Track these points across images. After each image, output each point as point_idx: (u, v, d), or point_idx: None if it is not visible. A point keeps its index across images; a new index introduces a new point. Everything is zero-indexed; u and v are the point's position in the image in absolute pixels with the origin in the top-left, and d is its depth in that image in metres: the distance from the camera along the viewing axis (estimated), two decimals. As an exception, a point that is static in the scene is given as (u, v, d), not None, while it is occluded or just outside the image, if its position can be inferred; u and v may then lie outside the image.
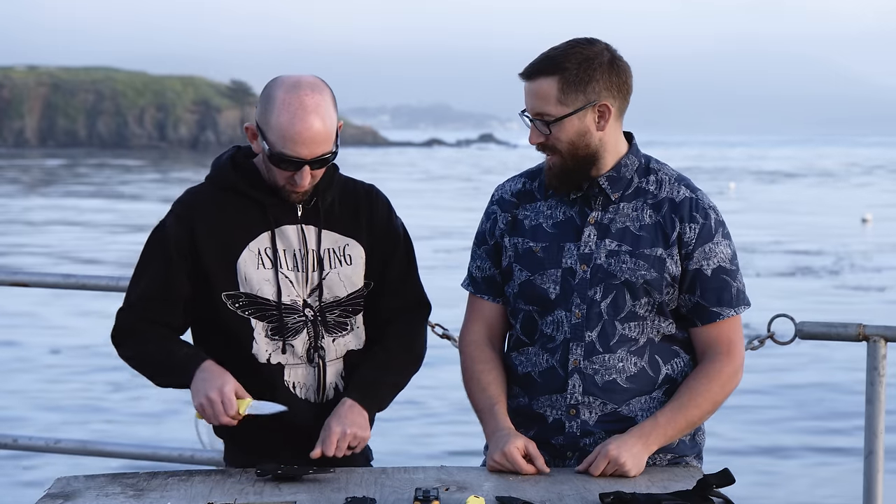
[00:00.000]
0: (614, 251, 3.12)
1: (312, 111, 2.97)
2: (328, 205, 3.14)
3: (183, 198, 3.15)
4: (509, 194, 3.26)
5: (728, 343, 3.15)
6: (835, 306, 17.86)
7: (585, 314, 3.12)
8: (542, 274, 3.15)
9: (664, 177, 3.19)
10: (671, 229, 3.12)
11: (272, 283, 3.07)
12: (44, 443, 5.02)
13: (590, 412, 3.13)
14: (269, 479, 2.93)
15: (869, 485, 3.99)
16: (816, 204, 41.90)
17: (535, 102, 3.10)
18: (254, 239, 3.08)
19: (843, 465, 9.63)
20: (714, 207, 3.19)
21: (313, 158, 2.99)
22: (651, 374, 3.14)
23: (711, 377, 3.12)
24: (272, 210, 3.09)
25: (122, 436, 9.90)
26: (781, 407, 11.81)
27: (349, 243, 3.15)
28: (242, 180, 3.10)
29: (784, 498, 8.88)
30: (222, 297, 3.07)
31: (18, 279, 4.79)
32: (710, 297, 3.13)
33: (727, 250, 3.16)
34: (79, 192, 46.85)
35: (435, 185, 52.83)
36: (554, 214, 3.19)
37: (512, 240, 3.21)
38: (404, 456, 9.52)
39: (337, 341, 3.14)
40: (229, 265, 3.07)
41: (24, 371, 13.07)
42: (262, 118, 3.01)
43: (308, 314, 3.10)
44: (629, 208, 3.15)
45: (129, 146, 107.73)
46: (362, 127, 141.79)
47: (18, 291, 15.11)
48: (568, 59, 3.07)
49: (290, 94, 2.98)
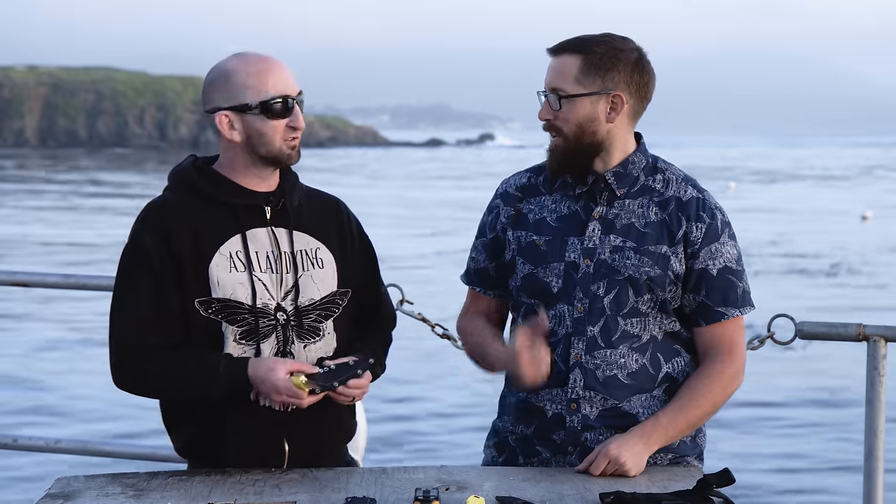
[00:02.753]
0: (619, 247, 3.12)
1: (267, 57, 3.03)
2: (296, 207, 3.11)
3: (150, 209, 3.07)
4: (514, 188, 3.27)
5: (730, 344, 3.15)
6: (835, 306, 17.85)
7: (588, 308, 3.12)
8: (545, 267, 3.16)
9: (671, 176, 3.19)
10: (677, 227, 3.12)
11: (246, 285, 3.01)
12: (44, 443, 5.02)
13: (590, 406, 3.12)
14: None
15: (869, 485, 3.99)
16: (816, 204, 41.89)
17: (554, 77, 3.12)
18: (224, 242, 3.02)
19: (843, 464, 9.63)
20: (721, 208, 3.19)
21: (297, 95, 3.02)
22: (651, 372, 3.14)
23: (713, 378, 3.12)
24: (240, 212, 3.04)
25: (121, 436, 9.91)
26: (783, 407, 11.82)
27: (320, 247, 3.11)
28: (208, 185, 3.05)
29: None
30: (195, 304, 2.99)
31: (18, 279, 4.79)
32: (716, 296, 3.13)
33: (733, 251, 3.17)
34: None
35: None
36: (558, 209, 3.19)
37: (515, 233, 3.22)
38: (405, 456, 9.52)
39: (308, 347, 3.07)
40: (201, 271, 2.99)
41: (25, 371, 13.07)
42: (230, 93, 3.00)
43: (280, 318, 3.04)
44: (635, 205, 3.15)
45: (130, 146, 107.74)
46: (362, 127, 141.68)
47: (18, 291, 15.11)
48: (598, 44, 3.11)
49: (241, 57, 3.03)
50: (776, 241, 27.66)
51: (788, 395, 12.15)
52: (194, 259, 3.00)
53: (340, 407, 3.12)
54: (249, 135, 3.02)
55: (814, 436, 10.65)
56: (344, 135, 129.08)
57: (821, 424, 11.02)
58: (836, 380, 12.68)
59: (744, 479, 8.45)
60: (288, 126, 3.01)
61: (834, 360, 13.48)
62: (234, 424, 3.03)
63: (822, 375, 12.97)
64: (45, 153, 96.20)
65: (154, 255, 2.99)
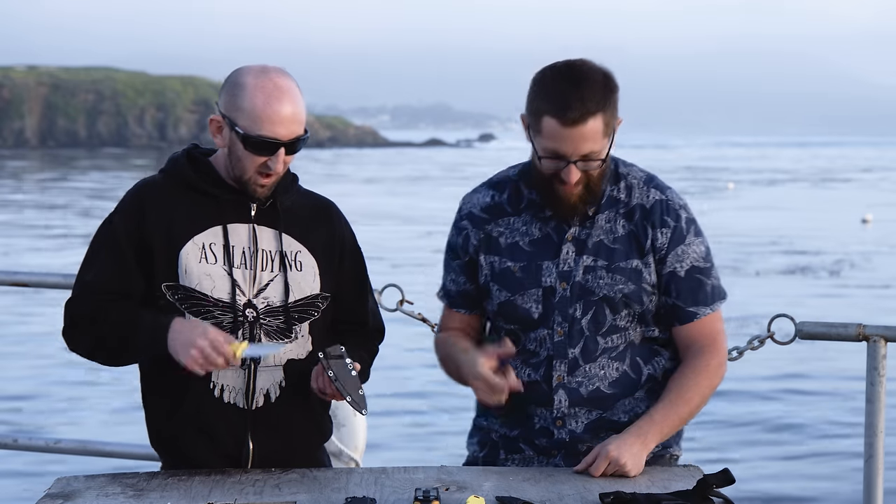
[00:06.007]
0: (590, 266, 3.12)
1: (286, 92, 2.96)
2: (285, 208, 3.09)
3: (133, 189, 3.10)
4: (478, 209, 3.22)
5: (711, 337, 3.17)
6: (835, 306, 17.85)
7: (567, 332, 3.13)
8: (523, 294, 3.14)
9: (633, 181, 3.18)
10: (644, 238, 3.13)
11: (213, 278, 3.00)
12: (44, 443, 5.02)
13: (576, 422, 3.16)
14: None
15: (869, 485, 3.99)
16: (816, 204, 41.88)
17: (585, 145, 3.01)
18: (200, 232, 3.02)
19: (843, 464, 9.63)
20: (685, 206, 3.19)
21: (289, 140, 2.96)
22: (633, 377, 3.17)
23: (699, 372, 3.13)
24: (224, 206, 3.04)
25: (121, 436, 9.91)
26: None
27: (301, 250, 3.09)
28: (196, 175, 3.05)
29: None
30: (162, 287, 3.00)
31: (18, 279, 4.78)
32: (686, 297, 3.15)
33: (700, 248, 3.17)
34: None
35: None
36: (529, 231, 3.17)
37: (488, 258, 3.19)
38: (404, 456, 9.52)
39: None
40: (172, 256, 3.00)
41: (25, 371, 13.07)
42: (232, 105, 2.97)
43: (249, 314, 3.03)
44: (602, 219, 3.14)
45: (130, 146, 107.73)
46: (362, 127, 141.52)
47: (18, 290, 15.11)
48: (595, 89, 3.01)
49: (261, 78, 2.96)
50: (776, 241, 27.64)
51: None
52: (166, 244, 3.00)
53: (313, 405, 3.11)
54: (230, 149, 3.02)
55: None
56: (344, 135, 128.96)
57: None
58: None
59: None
60: (266, 163, 2.98)
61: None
62: (196, 421, 3.03)
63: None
64: (45, 153, 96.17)
65: (122, 237, 3.01)
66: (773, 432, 10.79)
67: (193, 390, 3.02)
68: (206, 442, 3.05)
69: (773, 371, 12.88)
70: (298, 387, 3.06)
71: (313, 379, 3.03)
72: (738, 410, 11.36)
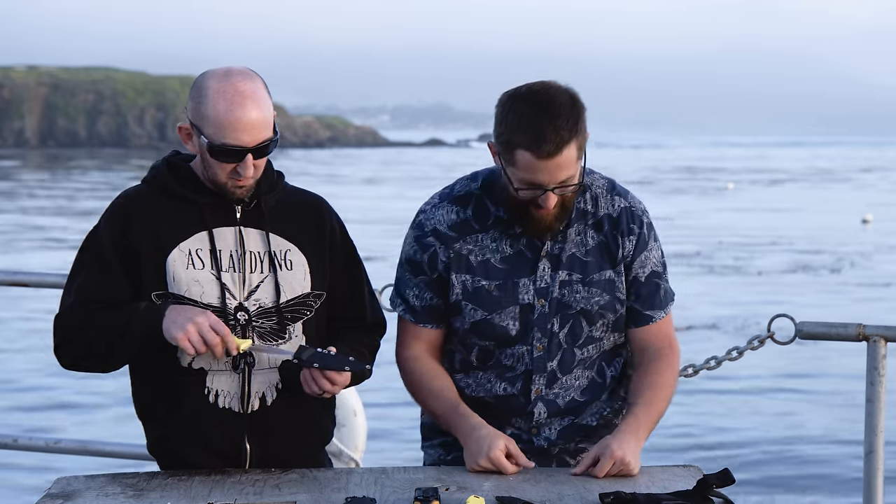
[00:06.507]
0: (566, 281, 3.12)
1: (249, 97, 2.91)
2: (270, 208, 3.06)
3: (116, 199, 3.07)
4: (445, 227, 3.16)
5: (667, 337, 3.22)
6: (835, 306, 17.85)
7: (546, 346, 3.14)
8: (500, 312, 3.13)
9: (598, 191, 3.18)
10: (616, 247, 3.16)
11: (202, 283, 2.98)
12: (44, 443, 5.02)
13: (550, 429, 3.20)
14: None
15: (869, 484, 3.99)
16: (816, 204, 41.87)
17: (561, 173, 2.98)
18: (185, 239, 2.99)
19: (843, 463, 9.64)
20: (645, 210, 3.22)
21: (255, 146, 2.92)
22: (599, 381, 3.22)
23: (664, 370, 3.17)
24: (207, 211, 3.01)
25: (121, 436, 9.91)
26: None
27: (291, 249, 3.06)
28: (177, 182, 3.02)
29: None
30: (152, 297, 2.98)
31: (18, 279, 4.78)
32: (644, 302, 3.19)
33: (657, 253, 3.22)
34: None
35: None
36: (501, 248, 3.14)
37: (459, 277, 3.14)
38: (404, 455, 9.52)
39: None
40: (159, 264, 2.98)
41: (24, 371, 13.07)
42: (197, 113, 2.94)
43: (241, 317, 3.00)
44: (573, 232, 3.14)
45: (130, 146, 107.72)
46: (362, 127, 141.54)
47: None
48: (566, 116, 2.96)
49: (223, 82, 2.92)
50: (776, 241, 27.64)
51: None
52: (153, 253, 2.98)
53: (313, 406, 3.10)
54: (201, 155, 3.00)
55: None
56: (344, 135, 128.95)
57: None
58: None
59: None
60: (235, 170, 2.95)
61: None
62: (191, 428, 3.02)
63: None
64: (45, 153, 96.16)
65: (108, 246, 3.00)
66: (772, 432, 10.79)
67: (188, 397, 3.01)
68: (202, 448, 3.04)
69: (773, 371, 12.89)
70: (295, 388, 3.04)
71: (306, 387, 2.99)
72: (738, 410, 11.36)
